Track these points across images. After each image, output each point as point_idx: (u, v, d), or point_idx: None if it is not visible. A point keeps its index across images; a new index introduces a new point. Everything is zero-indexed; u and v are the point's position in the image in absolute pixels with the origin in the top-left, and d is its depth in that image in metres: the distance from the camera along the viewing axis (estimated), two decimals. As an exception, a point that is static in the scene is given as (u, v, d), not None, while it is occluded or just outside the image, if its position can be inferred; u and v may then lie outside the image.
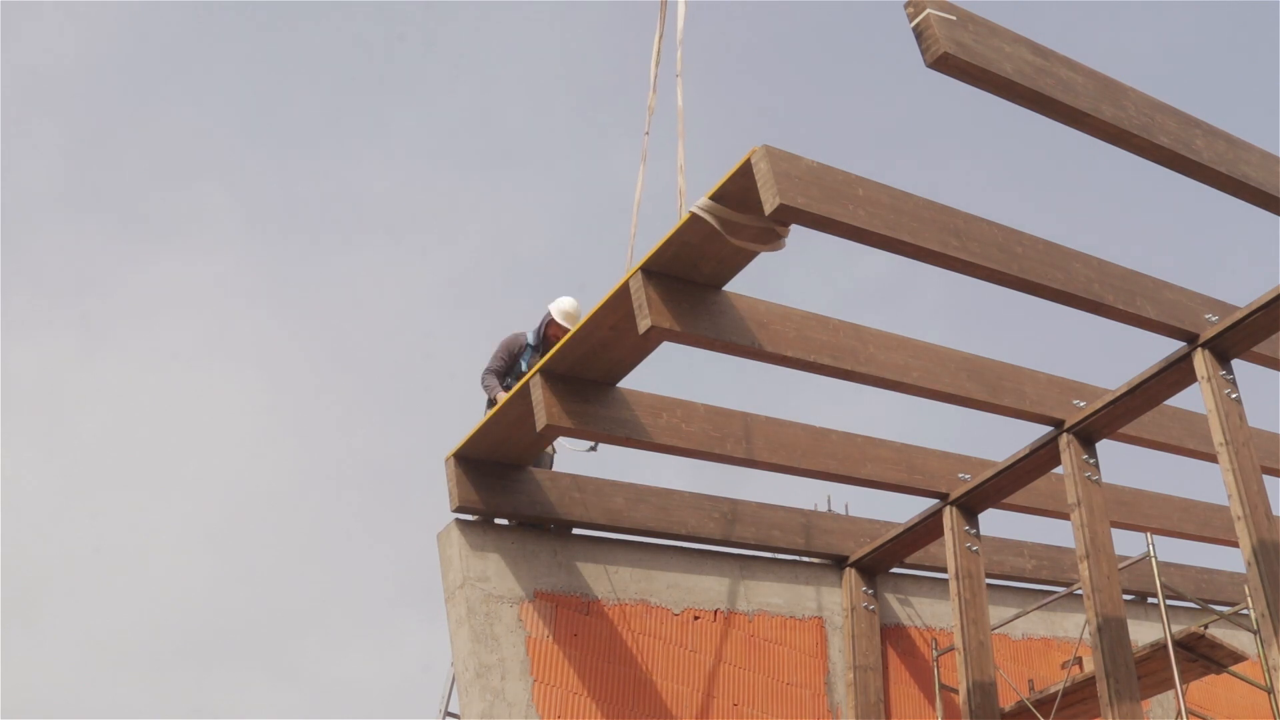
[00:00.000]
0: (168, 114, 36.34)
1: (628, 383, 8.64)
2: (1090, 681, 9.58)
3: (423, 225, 39.37)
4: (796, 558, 10.67)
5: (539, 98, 36.93)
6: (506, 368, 9.41)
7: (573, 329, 8.30)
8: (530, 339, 9.46)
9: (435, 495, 9.31)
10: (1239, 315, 8.43)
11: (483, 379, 9.42)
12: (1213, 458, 8.72)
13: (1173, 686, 9.48)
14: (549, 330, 9.29)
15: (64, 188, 36.68)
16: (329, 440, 40.68)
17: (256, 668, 37.87)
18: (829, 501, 11.32)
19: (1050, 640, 11.81)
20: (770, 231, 7.24)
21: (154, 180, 37.73)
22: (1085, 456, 9.31)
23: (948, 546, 10.08)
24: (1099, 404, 9.20)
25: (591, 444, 9.05)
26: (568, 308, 9.31)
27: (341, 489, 40.35)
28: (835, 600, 10.68)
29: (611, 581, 9.51)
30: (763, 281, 8.22)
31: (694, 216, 7.18)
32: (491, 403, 9.21)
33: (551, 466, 9.66)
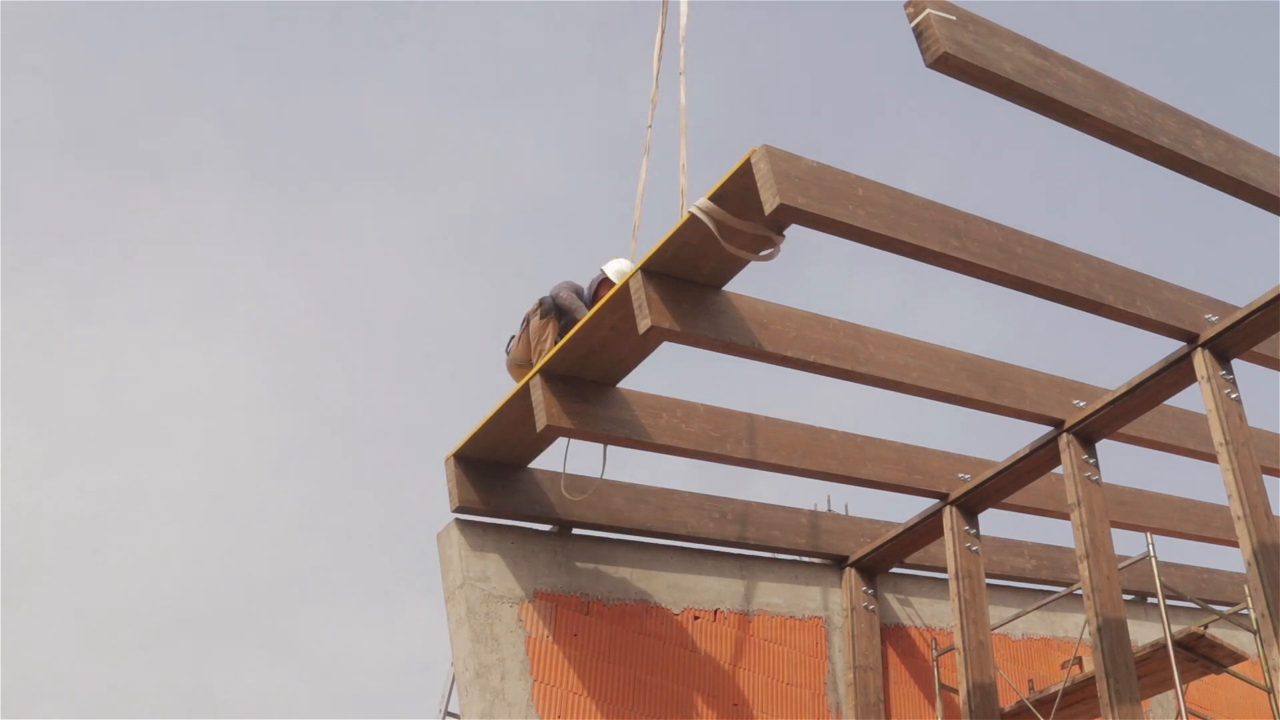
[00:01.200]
0: (155, 46, 34.44)
1: (628, 383, 8.64)
2: (1090, 681, 9.58)
3: (428, 165, 37.16)
4: (797, 558, 10.67)
5: (551, 26, 34.75)
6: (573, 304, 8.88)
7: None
8: (585, 293, 8.99)
9: (440, 453, 9.21)
10: (1239, 315, 8.43)
11: (559, 295, 8.88)
12: (1213, 458, 8.71)
13: (1173, 686, 9.48)
14: (600, 290, 8.81)
15: (48, 128, 34.44)
16: (330, 400, 38.76)
17: (255, 645, 36.51)
18: (829, 501, 11.32)
19: (1050, 640, 11.81)
20: (766, 240, 7.23)
21: (142, 118, 35.49)
22: (1085, 456, 9.31)
23: (948, 546, 10.08)
24: (1099, 404, 9.20)
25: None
26: (626, 269, 8.76)
27: (343, 452, 38.52)
28: (835, 600, 10.69)
29: (611, 581, 9.51)
30: (763, 281, 8.20)
31: (694, 217, 7.18)
32: (566, 327, 8.67)
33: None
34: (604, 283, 8.88)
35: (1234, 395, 8.45)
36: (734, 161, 6.96)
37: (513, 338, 9.14)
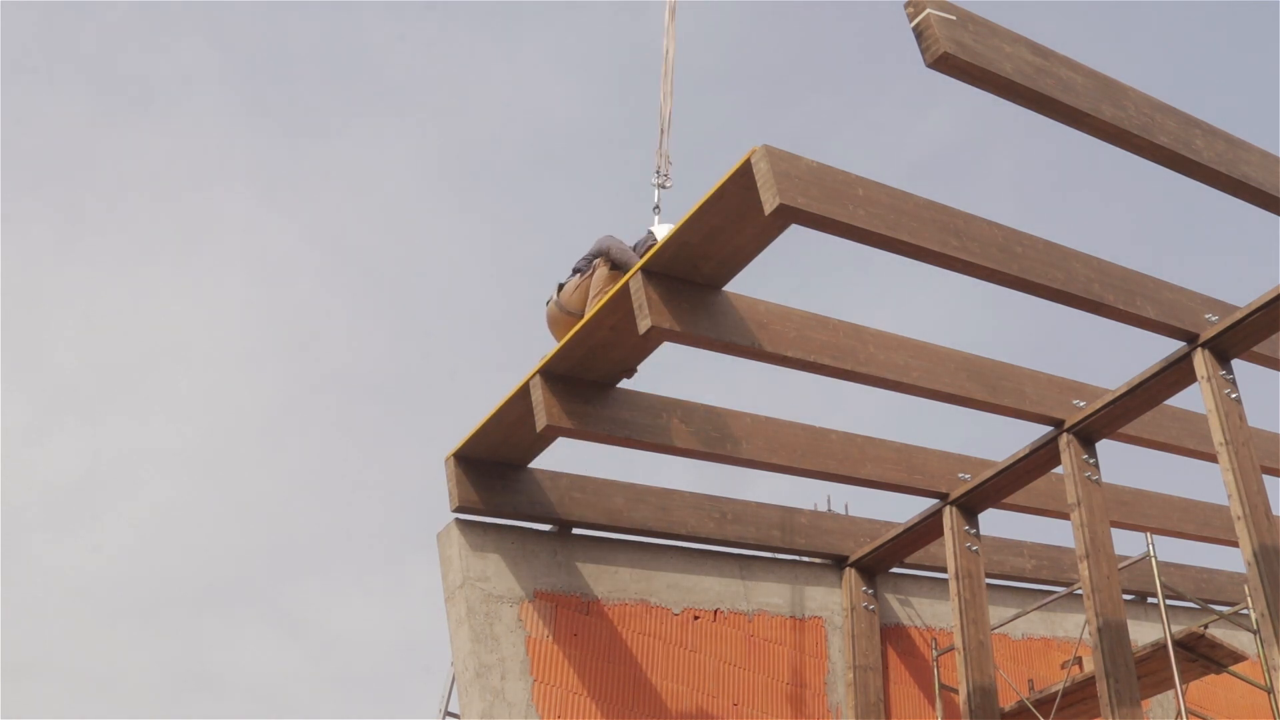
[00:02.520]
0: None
1: (627, 383, 8.64)
2: (1090, 681, 9.58)
3: (432, 93, 34.56)
4: (796, 558, 10.67)
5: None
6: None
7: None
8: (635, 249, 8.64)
9: (444, 424, 9.13)
10: (1239, 315, 8.43)
11: (612, 249, 8.51)
12: (1213, 458, 8.71)
13: (1173, 686, 9.48)
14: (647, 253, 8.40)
15: (27, 48, 31.22)
16: (329, 350, 36.36)
17: (254, 620, 34.65)
18: (829, 501, 11.33)
19: (1050, 640, 11.81)
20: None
21: (128, 39, 32.76)
22: (1085, 456, 9.31)
23: (948, 546, 10.08)
24: (1099, 404, 9.20)
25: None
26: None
27: (344, 407, 36.37)
28: (835, 600, 10.68)
29: (611, 581, 9.51)
30: (764, 282, 8.19)
31: (693, 218, 7.21)
32: (618, 269, 8.35)
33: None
34: (652, 246, 8.26)
35: (1234, 395, 8.45)
36: (734, 161, 6.96)
37: (561, 285, 8.74)
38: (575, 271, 8.71)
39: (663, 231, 8.56)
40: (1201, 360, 8.53)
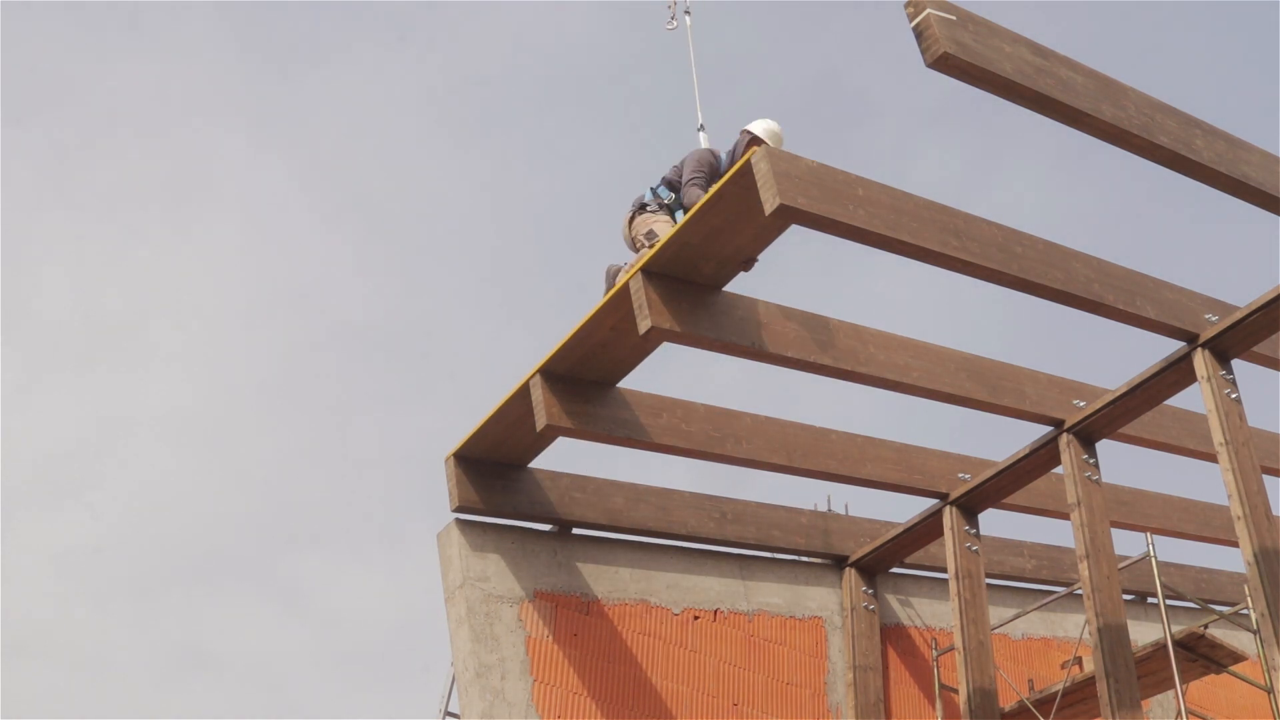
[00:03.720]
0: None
1: (628, 383, 8.64)
2: (1090, 681, 9.58)
3: (436, 16, 31.93)
4: (796, 558, 10.67)
5: None
6: (707, 181, 8.01)
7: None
8: (724, 161, 8.23)
9: (449, 381, 8.91)
10: (1239, 315, 8.43)
11: (686, 191, 8.04)
12: (1213, 458, 8.71)
13: (1173, 686, 9.49)
14: (747, 150, 7.67)
15: None
16: (330, 301, 33.96)
17: (250, 594, 32.97)
18: (829, 501, 11.32)
19: (1050, 640, 11.81)
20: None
21: None
22: (1085, 456, 9.31)
23: (948, 546, 10.08)
24: (1099, 404, 9.20)
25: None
26: (775, 128, 8.10)
27: (345, 366, 34.26)
28: (835, 600, 10.69)
29: (611, 581, 9.51)
30: (764, 282, 8.17)
31: (693, 218, 7.21)
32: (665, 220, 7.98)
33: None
34: (751, 145, 7.87)
35: (1234, 395, 8.45)
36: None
37: (639, 204, 8.32)
38: (651, 192, 8.23)
39: (765, 125, 8.14)
40: (1201, 360, 8.53)
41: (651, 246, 7.64)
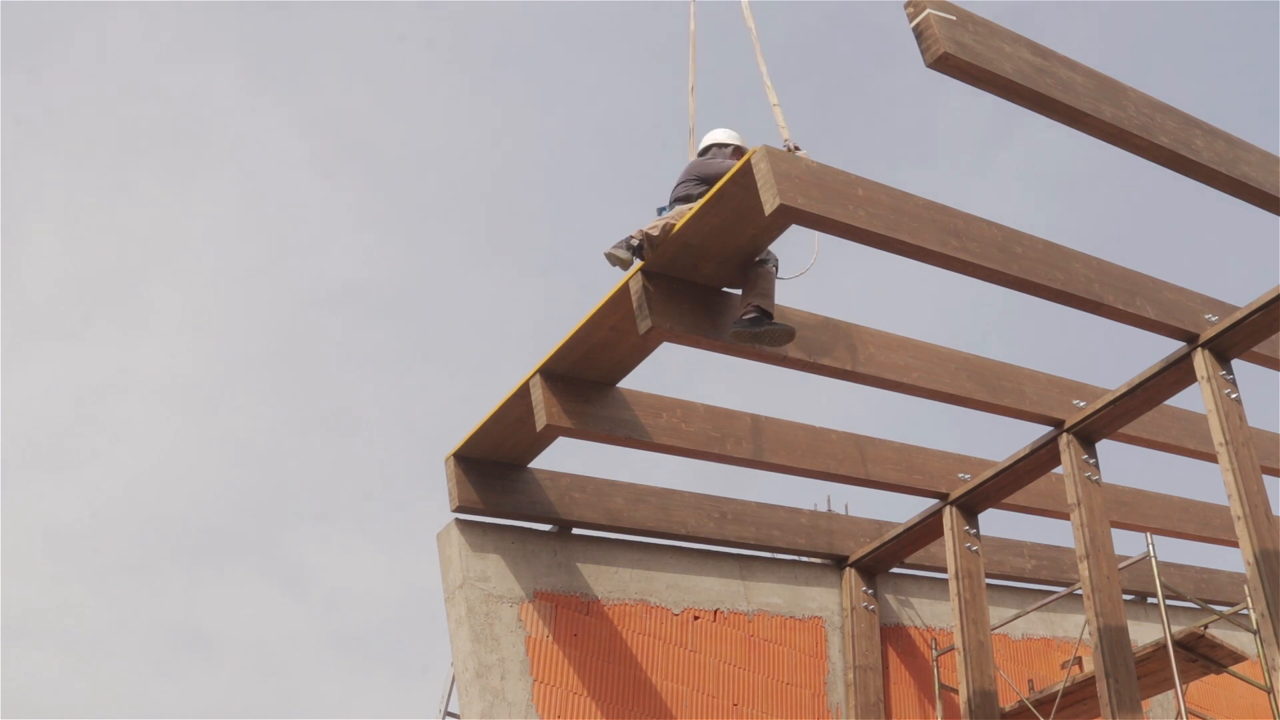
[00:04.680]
0: None
1: (628, 383, 8.64)
2: (1090, 681, 9.59)
3: None
4: (796, 558, 10.67)
5: None
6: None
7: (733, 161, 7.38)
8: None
9: (448, 395, 8.74)
10: (1239, 315, 8.43)
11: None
12: (1213, 458, 8.72)
13: (1173, 686, 9.48)
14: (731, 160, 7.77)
15: None
16: (332, 259, 32.18)
17: (249, 570, 31.70)
18: (829, 501, 11.33)
19: (1050, 640, 11.81)
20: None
21: None
22: (1085, 456, 9.31)
23: (948, 546, 10.08)
24: (1099, 404, 9.20)
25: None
26: (728, 134, 8.06)
27: (348, 327, 32.71)
28: (835, 600, 10.68)
29: (611, 581, 9.51)
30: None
31: (693, 218, 7.21)
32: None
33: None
34: (732, 154, 7.88)
35: (1234, 395, 8.45)
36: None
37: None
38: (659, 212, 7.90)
39: (720, 135, 8.08)
40: (1201, 360, 8.53)
41: (690, 207, 7.38)
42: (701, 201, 7.24)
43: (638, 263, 7.54)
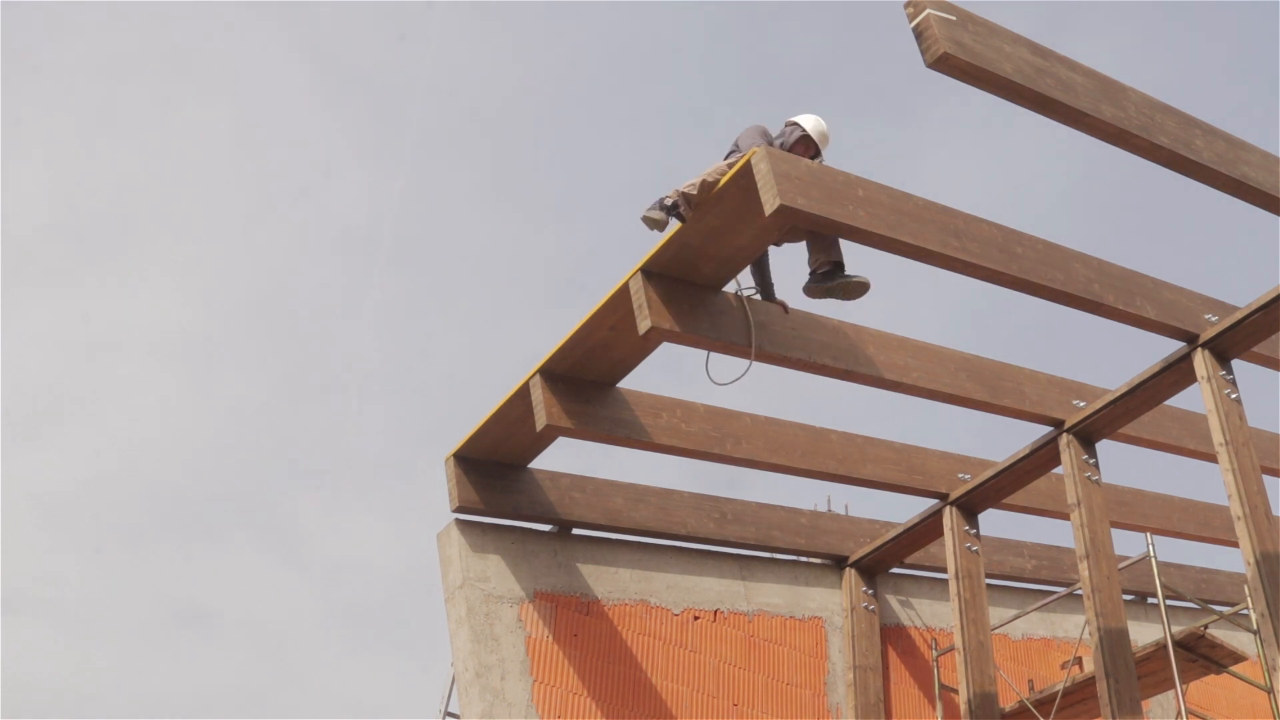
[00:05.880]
0: None
1: (628, 383, 8.64)
2: (1090, 681, 9.59)
3: None
4: (796, 558, 10.67)
5: None
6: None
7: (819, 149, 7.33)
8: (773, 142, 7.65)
9: (464, 285, 8.31)
10: (1239, 315, 8.43)
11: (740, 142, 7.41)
12: (1213, 458, 8.71)
13: (1173, 686, 9.48)
14: (795, 149, 7.60)
15: None
16: (333, 197, 30.26)
17: (248, 541, 30.40)
18: (829, 501, 11.35)
19: (1050, 640, 11.81)
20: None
21: None
22: (1085, 456, 9.31)
23: (948, 546, 10.08)
24: (1099, 404, 9.20)
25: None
26: (824, 127, 7.75)
27: (352, 278, 31.07)
28: (835, 600, 10.68)
29: (611, 582, 9.51)
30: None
31: (694, 219, 7.20)
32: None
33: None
34: (799, 142, 7.66)
35: (1234, 395, 8.45)
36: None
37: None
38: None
39: (811, 122, 7.73)
40: (1201, 360, 8.53)
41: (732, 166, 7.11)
42: (732, 171, 6.98)
43: (674, 224, 7.23)
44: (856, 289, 7.36)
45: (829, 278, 7.33)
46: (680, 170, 7.35)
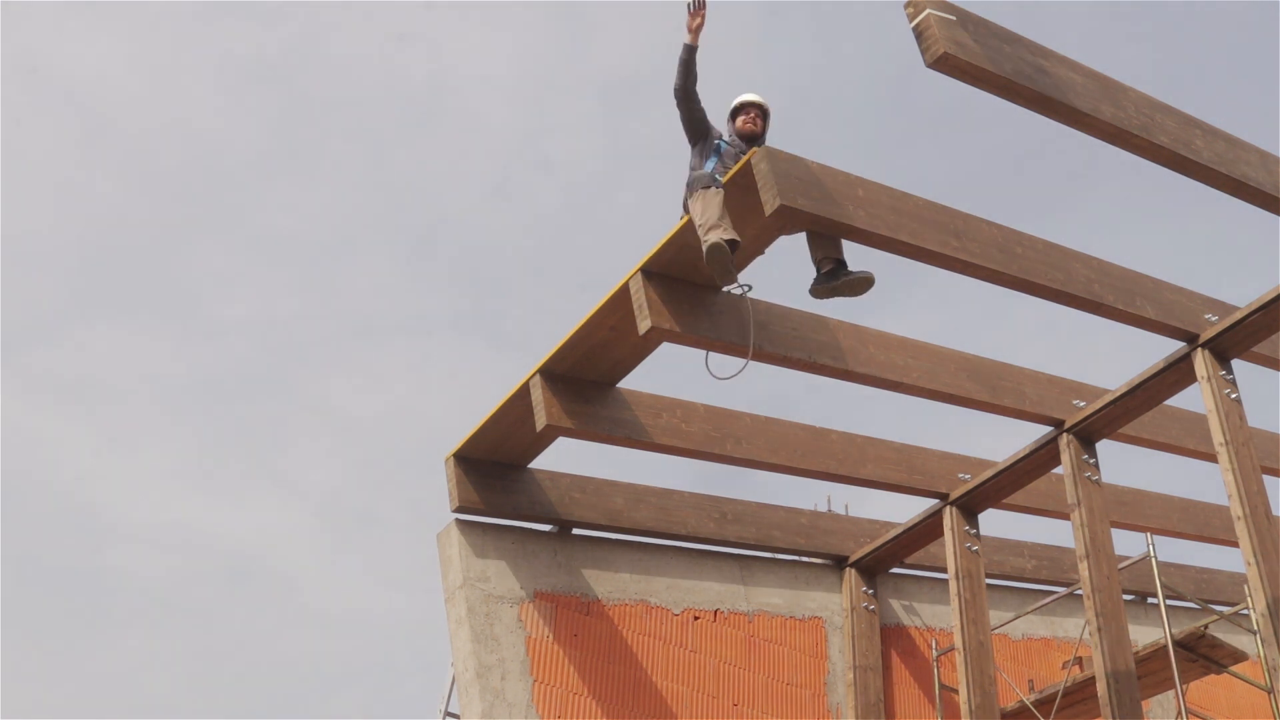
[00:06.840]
0: None
1: (628, 383, 8.64)
2: (1090, 681, 9.58)
3: None
4: (796, 558, 10.67)
5: None
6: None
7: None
8: (724, 136, 7.78)
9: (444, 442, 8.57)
10: (1239, 315, 8.43)
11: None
12: (1213, 458, 8.71)
13: (1173, 686, 9.48)
14: (742, 129, 7.72)
15: None
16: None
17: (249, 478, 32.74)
18: (829, 501, 11.34)
19: (1050, 640, 11.81)
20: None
21: None
22: (1085, 456, 9.31)
23: (948, 546, 10.08)
24: (1099, 404, 9.20)
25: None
26: (748, 97, 7.82)
27: (353, 127, 32.29)
28: (835, 600, 10.68)
29: (611, 582, 9.51)
30: (765, 282, 8.13)
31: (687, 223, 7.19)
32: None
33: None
34: (736, 117, 7.76)
35: (1234, 395, 8.45)
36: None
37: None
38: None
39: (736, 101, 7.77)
40: (1201, 360, 8.53)
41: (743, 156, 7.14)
42: (732, 172, 7.05)
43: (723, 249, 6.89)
44: (861, 284, 7.37)
45: (834, 276, 7.33)
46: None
